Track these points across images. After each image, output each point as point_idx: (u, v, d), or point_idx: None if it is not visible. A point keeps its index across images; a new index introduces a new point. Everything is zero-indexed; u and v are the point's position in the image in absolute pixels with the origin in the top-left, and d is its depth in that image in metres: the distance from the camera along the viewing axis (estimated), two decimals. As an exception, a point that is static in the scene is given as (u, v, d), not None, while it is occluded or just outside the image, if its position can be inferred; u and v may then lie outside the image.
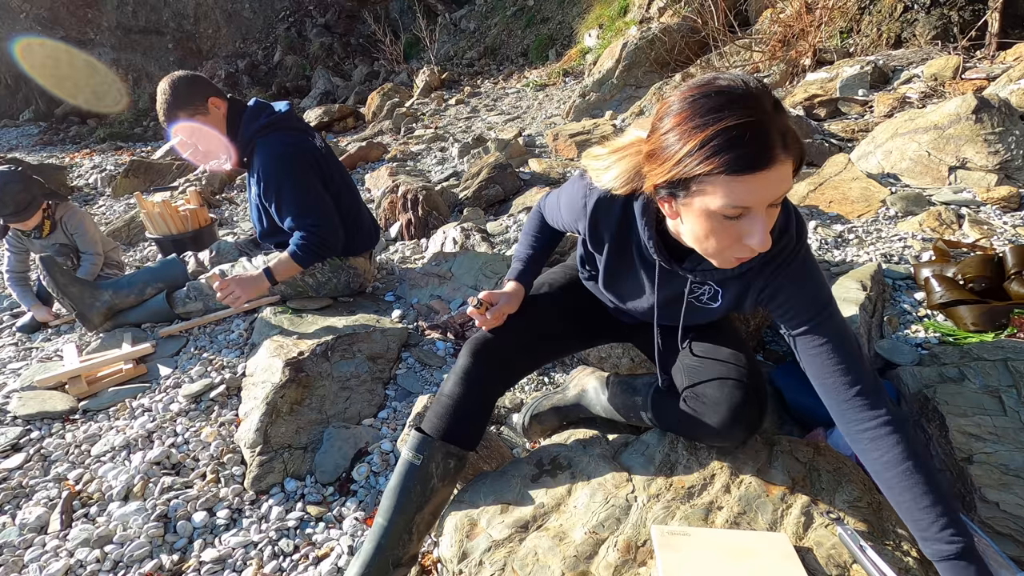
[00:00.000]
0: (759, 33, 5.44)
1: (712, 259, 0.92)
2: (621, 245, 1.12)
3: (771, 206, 0.84)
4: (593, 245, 1.17)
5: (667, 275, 1.09)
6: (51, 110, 13.41)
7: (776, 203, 0.84)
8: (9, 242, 2.56)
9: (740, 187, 0.79)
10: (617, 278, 1.19)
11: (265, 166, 1.98)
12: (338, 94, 9.92)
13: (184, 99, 1.93)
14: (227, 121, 2.00)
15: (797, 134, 0.82)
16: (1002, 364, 1.36)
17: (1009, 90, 3.09)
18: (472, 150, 4.49)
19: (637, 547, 1.00)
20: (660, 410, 1.19)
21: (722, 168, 0.78)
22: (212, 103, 1.96)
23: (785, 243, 0.98)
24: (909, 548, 0.97)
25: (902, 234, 2.16)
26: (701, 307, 1.13)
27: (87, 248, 2.59)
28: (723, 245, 0.87)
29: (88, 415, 1.78)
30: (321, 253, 2.03)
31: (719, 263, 0.93)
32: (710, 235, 0.87)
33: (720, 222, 0.84)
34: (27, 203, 2.40)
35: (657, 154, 0.86)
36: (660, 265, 1.07)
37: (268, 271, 1.97)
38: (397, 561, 1.10)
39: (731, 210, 0.82)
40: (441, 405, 1.17)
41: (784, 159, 0.79)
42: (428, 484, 1.12)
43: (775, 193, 0.81)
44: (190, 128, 1.95)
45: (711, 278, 1.04)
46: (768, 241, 0.83)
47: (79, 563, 1.29)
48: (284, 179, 1.98)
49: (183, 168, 5.52)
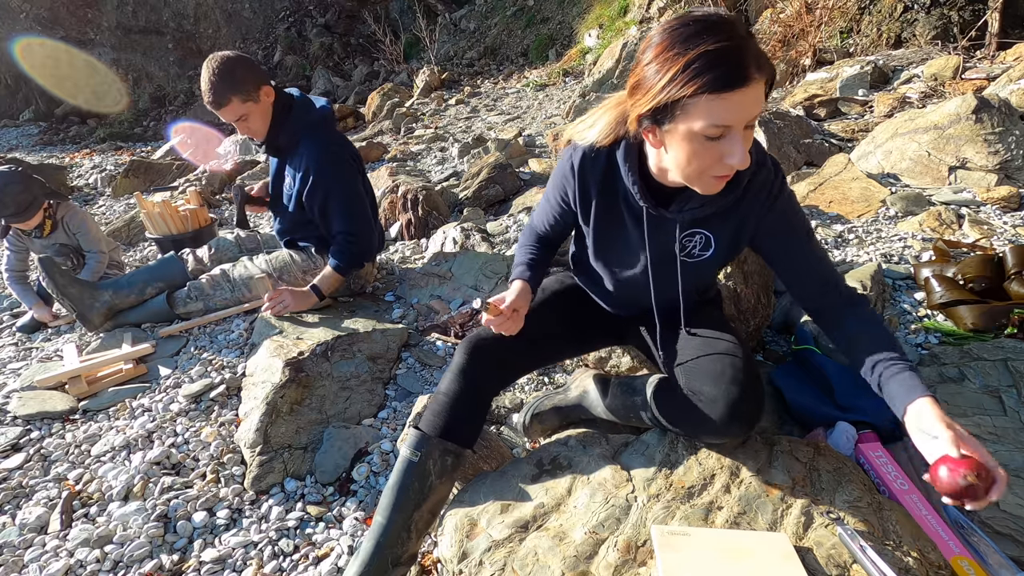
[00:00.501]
0: (759, 33, 5.44)
1: (695, 184, 0.98)
2: (608, 200, 1.16)
3: (747, 127, 0.90)
4: (582, 207, 1.20)
5: (655, 223, 1.12)
6: (51, 110, 13.42)
7: (751, 124, 0.90)
8: (9, 241, 2.56)
9: (721, 106, 0.85)
10: (607, 241, 1.21)
11: (319, 165, 1.97)
12: (338, 94, 9.93)
13: (240, 82, 1.84)
14: (273, 110, 1.96)
15: (767, 56, 0.90)
16: (1002, 364, 1.36)
17: (1009, 90, 3.09)
18: (472, 150, 4.49)
19: (637, 547, 1.00)
20: (659, 409, 1.19)
21: (704, 88, 0.84)
22: (264, 91, 1.91)
23: (766, 176, 1.05)
24: (909, 548, 0.97)
25: (902, 234, 2.16)
26: (695, 261, 1.15)
27: (91, 247, 2.59)
28: (705, 166, 0.93)
29: (88, 415, 1.78)
30: (362, 261, 2.09)
31: (702, 188, 0.98)
32: (693, 158, 0.92)
33: (702, 143, 0.90)
34: (28, 203, 2.39)
35: (641, 84, 0.92)
36: (647, 213, 1.10)
37: (316, 288, 2.01)
38: (396, 560, 1.10)
39: (713, 129, 0.87)
40: (438, 403, 1.18)
41: (759, 78, 0.86)
42: (426, 481, 1.12)
43: (752, 112, 0.87)
44: (236, 111, 1.87)
45: (698, 215, 1.07)
46: (747, 158, 0.90)
47: (79, 563, 1.29)
48: (335, 182, 1.99)
49: (183, 168, 5.52)
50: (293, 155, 2.03)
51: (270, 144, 2.02)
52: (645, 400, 1.23)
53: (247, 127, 1.93)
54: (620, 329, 1.40)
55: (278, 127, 1.97)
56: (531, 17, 9.70)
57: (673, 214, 1.07)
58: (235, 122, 1.91)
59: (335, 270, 2.03)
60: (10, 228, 2.50)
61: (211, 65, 1.84)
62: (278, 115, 1.96)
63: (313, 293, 2.01)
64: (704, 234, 1.12)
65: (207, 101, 1.86)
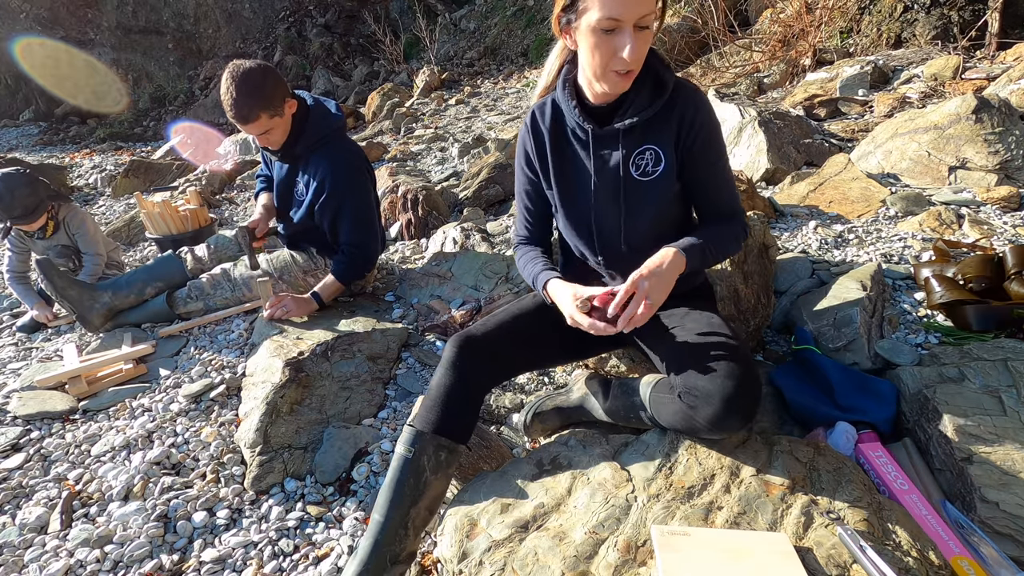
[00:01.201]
0: (759, 33, 5.44)
1: (603, 81, 1.11)
2: (560, 144, 1.28)
3: (640, 28, 1.03)
4: (541, 163, 1.31)
5: (601, 144, 1.22)
6: (51, 110, 13.42)
7: (643, 25, 1.03)
8: (11, 242, 2.57)
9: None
10: (568, 187, 1.29)
11: (335, 178, 1.96)
12: (338, 94, 9.92)
13: (270, 98, 1.80)
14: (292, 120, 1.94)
15: None
16: (1002, 364, 1.36)
17: (1009, 90, 3.09)
18: (472, 150, 4.49)
19: (637, 547, 1.00)
20: (657, 407, 1.19)
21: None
22: (289, 104, 1.88)
23: (691, 90, 1.18)
24: (909, 548, 0.97)
25: (902, 234, 2.16)
26: (652, 179, 1.21)
27: (88, 248, 2.59)
28: (605, 60, 1.06)
29: (88, 415, 1.78)
30: (364, 271, 2.10)
31: (609, 86, 1.11)
32: (595, 51, 1.06)
33: (600, 37, 1.04)
34: (35, 206, 2.41)
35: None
36: (592, 135, 1.20)
37: (317, 296, 2.02)
38: (395, 558, 1.10)
39: (606, 22, 1.01)
40: (429, 398, 1.18)
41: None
42: (421, 477, 1.13)
43: (640, 8, 1.00)
44: (263, 127, 1.84)
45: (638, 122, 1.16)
46: (637, 54, 1.03)
47: (79, 563, 1.29)
48: (350, 194, 1.99)
49: (183, 168, 5.52)
50: (307, 163, 2.01)
51: (286, 152, 1.99)
52: (643, 401, 1.23)
53: (267, 139, 1.91)
54: (619, 333, 1.40)
55: (296, 136, 1.95)
56: (531, 17, 9.70)
57: (616, 125, 1.17)
58: (257, 135, 1.88)
59: (338, 279, 2.04)
60: (11, 229, 2.50)
61: (236, 78, 1.75)
62: (296, 124, 1.94)
63: (314, 300, 2.01)
64: (653, 149, 1.20)
65: (231, 115, 1.78)
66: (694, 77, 5.22)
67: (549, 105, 1.27)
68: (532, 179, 1.34)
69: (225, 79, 1.77)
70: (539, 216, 1.39)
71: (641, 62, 1.08)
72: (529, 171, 1.34)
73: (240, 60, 1.82)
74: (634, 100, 1.16)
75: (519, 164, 1.36)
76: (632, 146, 1.20)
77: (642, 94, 1.16)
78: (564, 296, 1.20)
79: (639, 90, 1.16)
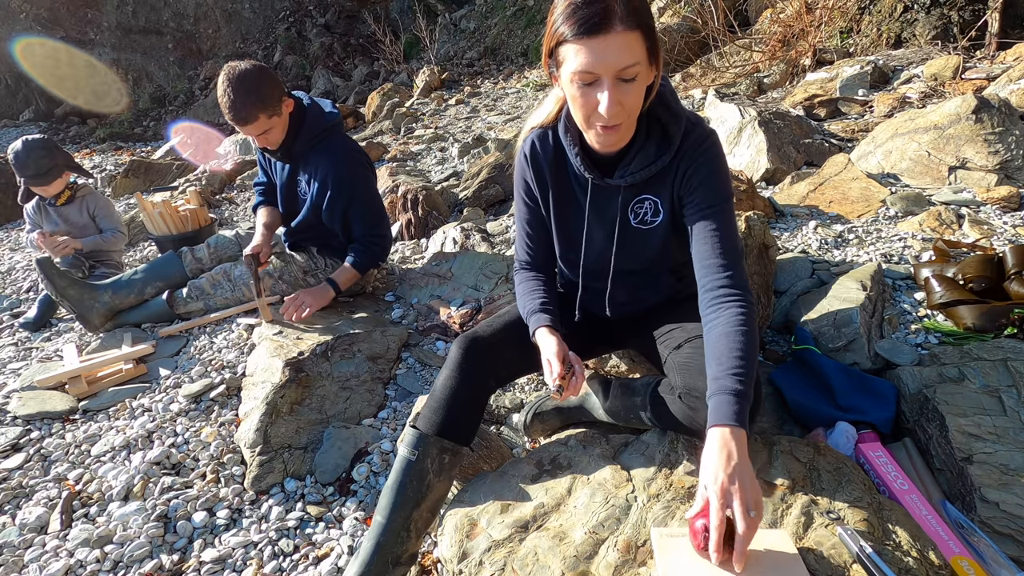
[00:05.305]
0: (759, 33, 5.44)
1: (589, 138, 1.06)
2: (561, 180, 1.22)
3: (622, 80, 0.94)
4: (541, 193, 1.25)
5: (601, 193, 1.17)
6: (51, 110, 13.42)
7: (625, 77, 0.94)
8: (30, 217, 2.69)
9: (584, 51, 0.92)
10: (566, 222, 1.25)
11: (338, 173, 1.97)
12: (338, 94, 9.92)
13: (267, 98, 1.81)
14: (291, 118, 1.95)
15: (647, 11, 0.95)
16: (1002, 364, 1.36)
17: (1009, 90, 3.09)
18: (472, 150, 4.49)
19: (637, 547, 1.00)
20: (658, 408, 1.19)
21: (566, 32, 0.93)
22: (285, 103, 1.89)
23: (699, 133, 1.10)
24: (909, 548, 0.97)
25: (902, 234, 2.16)
26: (650, 229, 1.18)
27: (111, 225, 2.73)
28: (586, 112, 0.99)
29: (88, 415, 1.78)
30: (380, 261, 2.13)
31: (594, 142, 1.06)
32: (575, 102, 0.99)
33: (580, 89, 0.96)
34: (48, 168, 2.49)
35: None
36: (592, 184, 1.15)
37: (333, 282, 2.02)
38: (396, 559, 1.10)
39: (582, 75, 0.94)
40: (434, 399, 1.18)
41: (623, 29, 0.91)
42: (424, 479, 1.13)
43: (618, 61, 0.91)
44: (262, 127, 1.84)
45: (639, 178, 1.11)
46: (615, 110, 0.95)
47: (79, 563, 1.29)
48: (356, 188, 2.01)
49: (183, 168, 5.52)
50: (307, 162, 2.03)
51: (284, 152, 2.00)
52: (644, 401, 1.23)
53: (266, 139, 1.92)
54: (617, 336, 1.40)
55: (293, 135, 1.97)
56: (531, 17, 9.69)
57: (617, 181, 1.12)
58: (256, 136, 1.89)
59: (355, 267, 2.06)
60: (32, 195, 2.61)
61: (233, 80, 1.76)
62: (293, 123, 1.96)
63: (330, 287, 2.02)
64: (652, 200, 1.16)
65: (230, 117, 1.79)
66: (694, 77, 5.22)
67: (551, 140, 1.20)
68: (532, 207, 1.30)
69: (221, 82, 1.78)
70: (541, 243, 1.34)
71: (624, 117, 0.98)
72: (529, 200, 1.29)
73: (235, 62, 1.82)
74: (639, 151, 1.10)
75: (518, 194, 1.31)
76: (631, 196, 1.16)
77: (647, 148, 1.10)
78: (549, 351, 1.15)
79: (645, 142, 1.10)
